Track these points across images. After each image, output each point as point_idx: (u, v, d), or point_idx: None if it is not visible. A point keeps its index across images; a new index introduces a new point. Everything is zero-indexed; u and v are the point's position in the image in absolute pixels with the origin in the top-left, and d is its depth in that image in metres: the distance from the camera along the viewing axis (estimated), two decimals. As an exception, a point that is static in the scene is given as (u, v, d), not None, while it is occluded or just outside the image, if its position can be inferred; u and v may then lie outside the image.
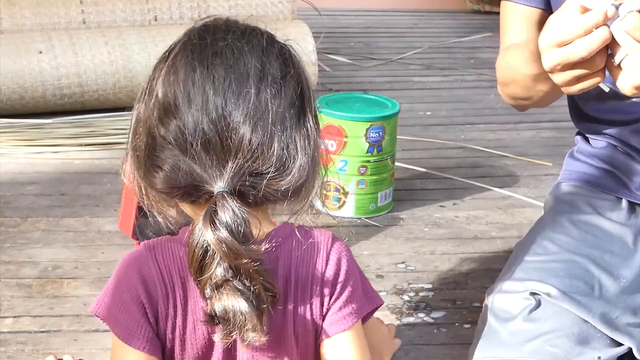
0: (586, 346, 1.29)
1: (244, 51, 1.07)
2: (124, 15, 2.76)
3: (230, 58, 1.06)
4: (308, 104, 1.11)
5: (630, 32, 1.07)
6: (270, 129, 1.05)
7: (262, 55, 1.08)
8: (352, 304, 1.15)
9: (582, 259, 1.40)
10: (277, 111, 1.05)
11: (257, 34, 1.11)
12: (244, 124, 1.04)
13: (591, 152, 1.59)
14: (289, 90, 1.08)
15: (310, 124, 1.10)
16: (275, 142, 1.05)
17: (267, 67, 1.07)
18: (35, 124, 2.47)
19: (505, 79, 1.48)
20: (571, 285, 1.35)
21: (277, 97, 1.06)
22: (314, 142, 1.10)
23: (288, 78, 1.08)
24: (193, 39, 1.11)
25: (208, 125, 1.03)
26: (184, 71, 1.07)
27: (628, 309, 1.35)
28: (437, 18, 3.98)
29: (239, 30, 1.12)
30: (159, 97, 1.07)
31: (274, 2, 2.87)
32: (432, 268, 1.81)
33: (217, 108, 1.04)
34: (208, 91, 1.05)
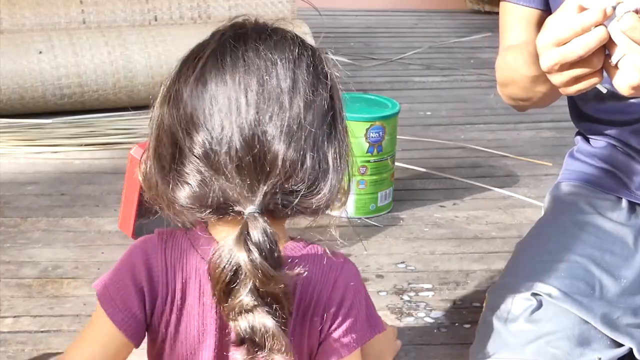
0: (587, 347, 1.29)
1: (277, 63, 1.04)
2: (124, 15, 2.76)
3: (263, 71, 1.03)
4: (340, 117, 1.10)
5: (627, 33, 1.08)
6: (302, 146, 1.02)
7: (294, 67, 1.05)
8: (351, 334, 1.13)
9: (583, 259, 1.40)
10: (310, 126, 1.03)
11: (289, 41, 1.07)
12: (278, 141, 1.01)
13: (591, 152, 1.59)
14: (320, 104, 1.06)
15: (341, 136, 1.09)
16: (307, 159, 1.03)
17: (300, 80, 1.04)
18: (35, 124, 2.47)
19: (504, 79, 1.48)
20: (572, 285, 1.35)
21: (309, 111, 1.04)
22: (345, 156, 1.09)
23: (320, 90, 1.06)
24: (223, 47, 1.07)
25: (241, 142, 1.00)
26: (214, 83, 1.03)
27: (628, 309, 1.35)
28: (437, 18, 3.98)
29: (270, 38, 1.08)
30: (187, 108, 1.04)
31: (274, 2, 2.87)
32: (432, 268, 1.81)
33: (251, 124, 1.01)
34: (241, 106, 1.01)
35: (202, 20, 2.81)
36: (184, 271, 1.10)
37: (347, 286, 1.12)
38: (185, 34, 2.64)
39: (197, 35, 2.69)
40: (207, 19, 2.82)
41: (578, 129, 1.62)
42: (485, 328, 1.36)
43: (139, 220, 1.65)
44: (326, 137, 1.06)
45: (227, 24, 1.11)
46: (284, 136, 1.01)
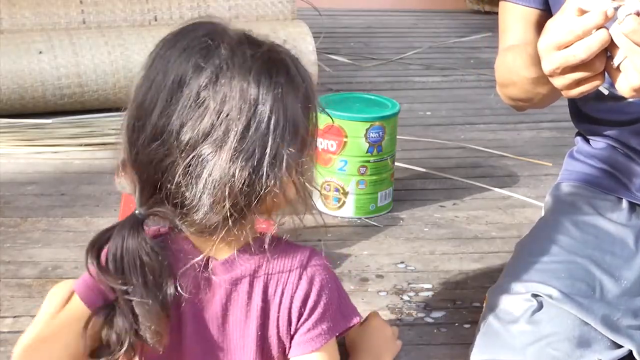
0: (587, 349, 1.29)
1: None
2: (124, 15, 2.76)
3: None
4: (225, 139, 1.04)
5: (629, 35, 1.08)
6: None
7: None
8: (322, 324, 1.14)
9: (584, 260, 1.40)
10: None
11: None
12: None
13: (591, 152, 1.59)
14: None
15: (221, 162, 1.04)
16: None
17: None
18: (35, 124, 2.48)
19: (504, 80, 1.48)
20: (572, 286, 1.35)
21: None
22: (220, 185, 1.04)
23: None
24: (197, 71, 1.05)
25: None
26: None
27: (629, 310, 1.35)
28: (437, 18, 3.98)
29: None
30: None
31: (274, 2, 2.87)
32: (432, 268, 1.81)
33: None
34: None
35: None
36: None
37: (313, 277, 1.13)
38: (185, 34, 2.64)
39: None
40: (207, 19, 2.82)
41: (578, 129, 1.62)
42: (486, 329, 1.36)
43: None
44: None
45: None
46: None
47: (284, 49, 1.11)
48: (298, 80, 1.08)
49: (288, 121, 1.04)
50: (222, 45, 1.04)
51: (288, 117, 1.05)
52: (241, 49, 1.04)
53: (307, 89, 1.09)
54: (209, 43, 1.04)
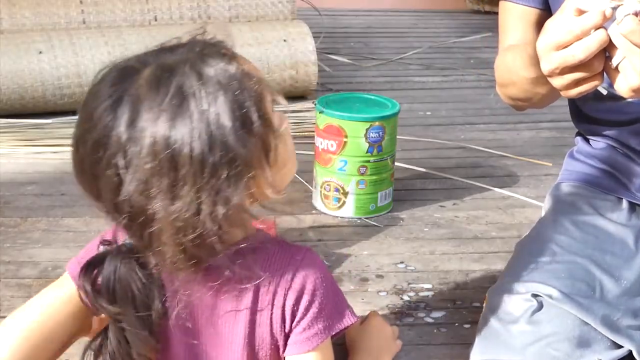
0: (587, 349, 1.29)
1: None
2: (124, 15, 2.76)
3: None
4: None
5: (628, 36, 1.07)
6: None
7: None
8: (318, 323, 1.13)
9: (584, 260, 1.40)
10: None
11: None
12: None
13: (591, 152, 1.59)
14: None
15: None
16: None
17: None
18: (35, 124, 2.48)
19: (503, 80, 1.48)
20: (573, 286, 1.35)
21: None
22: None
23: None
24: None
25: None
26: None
27: (629, 311, 1.35)
28: (437, 18, 3.98)
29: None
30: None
31: (274, 2, 2.87)
32: (432, 268, 1.81)
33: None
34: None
35: (202, 20, 2.81)
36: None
37: (307, 276, 1.12)
38: (185, 34, 2.64)
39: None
40: (207, 19, 2.82)
41: (578, 129, 1.62)
42: (486, 329, 1.36)
43: None
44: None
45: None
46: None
47: (247, 63, 1.07)
48: (252, 91, 1.03)
49: (246, 129, 1.01)
50: (126, 95, 1.02)
51: (246, 126, 1.01)
52: (148, 94, 1.01)
53: (236, 96, 1.02)
54: (117, 94, 1.02)
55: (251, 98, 1.03)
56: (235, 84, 1.03)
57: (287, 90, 2.71)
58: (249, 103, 1.03)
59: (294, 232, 1.93)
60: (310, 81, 2.72)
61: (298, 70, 2.69)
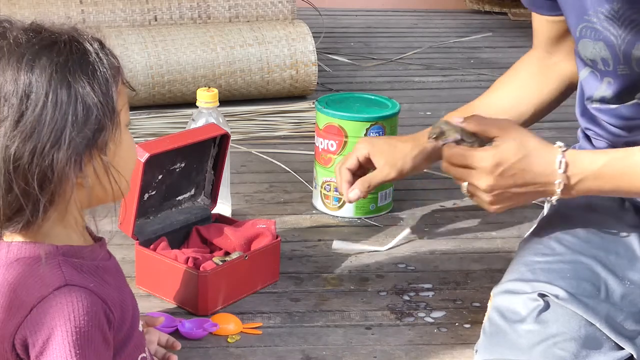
0: (592, 349, 1.29)
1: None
2: (124, 15, 2.76)
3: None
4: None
5: (448, 159, 1.44)
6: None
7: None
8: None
9: (589, 260, 1.40)
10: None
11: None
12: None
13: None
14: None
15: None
16: None
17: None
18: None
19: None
20: (578, 286, 1.35)
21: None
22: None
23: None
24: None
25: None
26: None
27: (630, 314, 1.35)
28: (437, 18, 3.98)
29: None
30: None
31: (274, 2, 2.87)
32: (432, 268, 1.81)
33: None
34: None
35: (202, 20, 2.81)
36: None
37: (49, 312, 1.03)
38: (185, 34, 2.64)
39: (198, 35, 2.70)
40: (207, 19, 2.82)
41: (581, 125, 1.62)
42: (492, 328, 1.36)
43: (139, 219, 1.65)
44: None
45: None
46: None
47: (83, 31, 1.10)
48: (90, 58, 1.07)
49: (71, 101, 1.04)
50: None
51: (72, 97, 1.04)
52: (17, 38, 1.05)
53: (105, 67, 1.08)
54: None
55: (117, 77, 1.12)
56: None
57: (287, 90, 2.71)
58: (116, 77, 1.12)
59: (294, 232, 1.93)
60: (310, 81, 2.72)
61: (298, 70, 2.69)
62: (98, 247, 1.16)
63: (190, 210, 1.75)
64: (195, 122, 1.87)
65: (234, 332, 1.55)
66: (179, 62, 2.58)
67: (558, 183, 1.38)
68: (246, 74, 2.64)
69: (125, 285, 1.17)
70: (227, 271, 1.62)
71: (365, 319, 1.62)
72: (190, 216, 1.74)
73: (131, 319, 1.14)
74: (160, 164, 1.64)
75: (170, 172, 1.68)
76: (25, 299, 1.04)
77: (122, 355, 1.12)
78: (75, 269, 1.08)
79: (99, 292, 1.07)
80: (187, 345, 1.50)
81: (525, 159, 1.40)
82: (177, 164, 1.68)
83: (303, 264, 1.80)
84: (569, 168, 1.38)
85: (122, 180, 1.12)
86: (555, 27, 1.64)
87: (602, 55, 1.45)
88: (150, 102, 2.59)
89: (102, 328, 1.06)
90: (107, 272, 1.13)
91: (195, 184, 1.76)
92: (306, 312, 1.63)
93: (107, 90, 1.07)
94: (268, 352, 1.51)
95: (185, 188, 1.74)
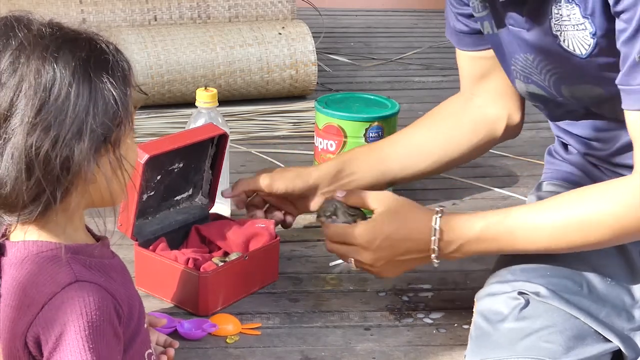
0: (580, 340, 1.29)
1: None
2: (124, 15, 2.76)
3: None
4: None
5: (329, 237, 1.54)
6: None
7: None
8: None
9: (569, 258, 1.40)
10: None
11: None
12: None
13: (565, 157, 1.61)
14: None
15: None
16: None
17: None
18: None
19: None
20: (559, 283, 1.36)
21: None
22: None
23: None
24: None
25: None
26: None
27: (613, 310, 1.35)
28: (437, 18, 3.98)
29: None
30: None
31: (274, 2, 2.87)
32: (431, 268, 1.80)
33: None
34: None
35: (202, 20, 2.81)
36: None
37: (61, 308, 1.05)
38: (185, 34, 2.64)
39: (197, 35, 2.69)
40: (207, 19, 2.82)
41: (554, 133, 1.64)
42: (476, 331, 1.37)
43: (138, 220, 1.65)
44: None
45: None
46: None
47: (99, 35, 1.12)
48: (108, 57, 1.10)
49: (93, 94, 1.06)
50: (21, 29, 1.10)
51: (93, 90, 1.06)
52: (41, 30, 1.10)
53: (121, 67, 1.11)
54: (8, 28, 1.09)
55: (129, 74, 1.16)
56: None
57: (287, 90, 2.71)
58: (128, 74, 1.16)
59: (294, 232, 1.93)
60: (310, 81, 2.71)
61: (298, 70, 2.69)
62: (102, 246, 1.16)
63: (189, 210, 1.75)
64: (194, 122, 1.87)
65: (233, 332, 1.55)
66: (178, 62, 2.58)
67: (433, 249, 1.43)
68: (246, 73, 2.64)
69: (131, 282, 1.18)
70: (227, 272, 1.61)
71: (364, 319, 1.62)
72: (189, 216, 1.74)
73: (138, 315, 1.15)
74: (160, 165, 1.64)
75: (168, 173, 1.67)
76: (35, 297, 1.05)
77: (130, 351, 1.13)
78: (84, 266, 1.09)
79: (108, 287, 1.08)
80: (186, 345, 1.50)
81: (401, 229, 1.44)
82: (176, 164, 1.68)
83: (302, 265, 1.80)
84: (444, 234, 1.42)
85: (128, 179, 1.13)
86: (478, 64, 1.65)
87: (538, 93, 1.48)
88: (149, 102, 2.59)
89: (113, 323, 1.07)
90: (113, 270, 1.14)
91: (193, 184, 1.76)
92: (305, 312, 1.63)
93: (124, 88, 1.10)
94: (267, 353, 1.51)
95: (183, 188, 1.74)
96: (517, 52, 1.46)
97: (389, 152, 1.74)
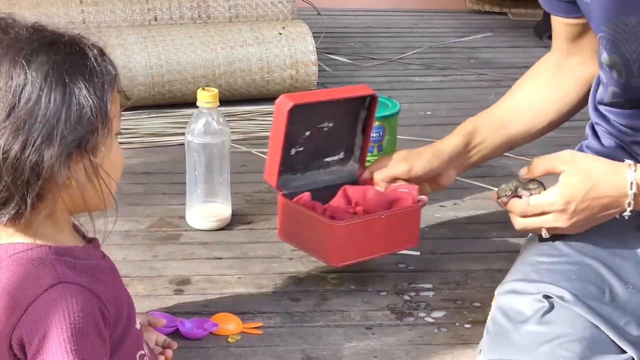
0: (597, 351, 1.29)
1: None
2: (124, 15, 2.76)
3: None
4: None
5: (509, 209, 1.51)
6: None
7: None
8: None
9: (594, 262, 1.40)
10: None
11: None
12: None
13: (600, 150, 1.58)
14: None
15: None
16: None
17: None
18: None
19: None
20: (583, 289, 1.35)
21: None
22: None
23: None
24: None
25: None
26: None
27: (633, 318, 1.35)
28: (437, 18, 3.98)
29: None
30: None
31: (274, 2, 2.87)
32: (432, 268, 1.81)
33: None
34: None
35: (202, 20, 2.81)
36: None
37: (43, 310, 1.04)
38: (185, 34, 2.64)
39: (198, 35, 2.70)
40: (207, 19, 2.82)
41: (591, 119, 1.61)
42: (495, 328, 1.36)
43: (286, 174, 1.67)
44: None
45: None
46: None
47: (85, 37, 1.12)
48: (88, 61, 1.09)
49: (66, 99, 1.05)
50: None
51: (66, 95, 1.05)
52: (19, 33, 1.06)
53: (101, 72, 1.10)
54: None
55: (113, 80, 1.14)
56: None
57: (288, 90, 2.71)
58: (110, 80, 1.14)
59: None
60: (310, 81, 2.72)
61: (298, 70, 2.69)
62: (91, 247, 1.16)
63: (338, 173, 1.77)
64: (195, 122, 1.87)
65: (235, 332, 1.56)
66: (179, 62, 2.58)
67: (629, 202, 1.39)
68: (246, 73, 2.64)
69: (120, 283, 1.17)
70: (361, 226, 1.63)
71: (366, 318, 1.62)
72: (336, 178, 1.76)
73: (127, 316, 1.14)
74: (308, 120, 1.66)
75: (318, 131, 1.69)
76: (20, 299, 1.05)
77: (119, 352, 1.12)
78: (69, 267, 1.08)
79: (93, 289, 1.08)
80: (188, 345, 1.50)
81: (595, 188, 1.40)
82: (325, 122, 1.70)
83: (303, 264, 1.80)
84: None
85: (112, 184, 1.12)
86: (571, 29, 1.63)
87: (617, 67, 1.45)
88: (150, 102, 2.59)
89: (97, 324, 1.06)
90: (100, 271, 1.13)
91: (344, 148, 1.77)
92: (306, 312, 1.63)
93: (102, 94, 1.08)
94: (268, 352, 1.51)
95: (335, 150, 1.76)
96: (622, 14, 1.42)
97: (509, 117, 1.73)
